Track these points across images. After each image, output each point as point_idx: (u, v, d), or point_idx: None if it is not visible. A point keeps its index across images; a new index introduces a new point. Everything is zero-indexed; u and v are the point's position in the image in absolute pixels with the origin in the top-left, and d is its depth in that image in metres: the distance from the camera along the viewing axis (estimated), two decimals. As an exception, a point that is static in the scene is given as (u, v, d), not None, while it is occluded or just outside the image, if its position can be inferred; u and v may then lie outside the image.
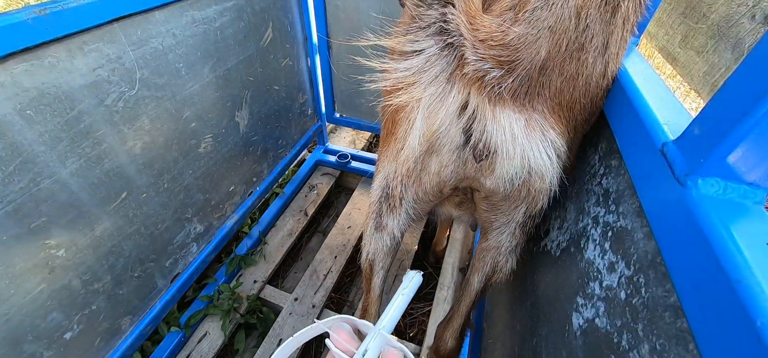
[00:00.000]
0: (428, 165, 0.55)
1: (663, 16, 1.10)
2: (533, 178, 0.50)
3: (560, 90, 0.44)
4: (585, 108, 0.48)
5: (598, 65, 0.44)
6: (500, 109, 0.44)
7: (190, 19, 0.95)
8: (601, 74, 0.46)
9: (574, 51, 0.42)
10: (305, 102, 1.65)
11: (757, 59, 0.26)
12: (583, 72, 0.44)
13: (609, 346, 0.39)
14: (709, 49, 0.90)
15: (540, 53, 0.41)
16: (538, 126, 0.46)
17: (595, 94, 0.47)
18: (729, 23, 0.84)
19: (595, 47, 0.43)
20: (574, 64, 0.43)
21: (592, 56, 0.43)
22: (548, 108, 0.46)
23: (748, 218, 0.29)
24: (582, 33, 0.41)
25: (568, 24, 0.40)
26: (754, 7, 0.78)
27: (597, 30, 0.41)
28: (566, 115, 0.47)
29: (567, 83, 0.44)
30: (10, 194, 0.68)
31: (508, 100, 0.44)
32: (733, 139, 0.28)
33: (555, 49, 0.41)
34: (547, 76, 0.43)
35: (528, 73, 0.42)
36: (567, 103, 0.46)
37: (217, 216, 1.28)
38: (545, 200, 0.53)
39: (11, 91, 0.65)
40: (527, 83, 0.43)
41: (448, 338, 0.81)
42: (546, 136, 0.46)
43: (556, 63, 0.42)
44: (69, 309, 0.84)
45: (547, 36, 0.40)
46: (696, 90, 0.97)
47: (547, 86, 0.44)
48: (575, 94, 0.46)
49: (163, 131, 0.96)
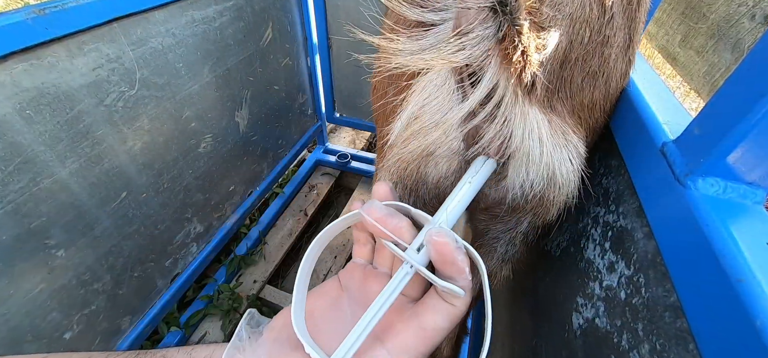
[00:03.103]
0: (425, 174, 0.45)
1: (663, 16, 1.10)
2: (552, 189, 0.42)
3: (581, 89, 0.39)
4: (604, 111, 0.43)
5: (620, 64, 0.40)
6: (529, 106, 0.37)
7: (190, 18, 0.95)
8: (622, 74, 0.41)
9: (597, 44, 0.37)
10: (305, 102, 1.65)
11: (757, 59, 0.26)
12: (606, 70, 0.39)
13: (609, 346, 0.39)
14: (709, 49, 0.90)
15: (562, 43, 0.36)
16: (559, 129, 0.40)
17: (614, 96, 0.43)
18: (729, 23, 0.84)
19: (618, 44, 0.38)
20: (597, 60, 0.38)
21: (615, 53, 0.38)
22: (568, 109, 0.40)
23: (748, 217, 0.29)
24: (607, 24, 0.36)
25: (590, 13, 0.35)
26: (754, 7, 0.78)
27: (621, 23, 0.37)
28: (586, 118, 0.42)
29: (588, 81, 0.39)
30: (10, 194, 0.68)
31: (536, 94, 0.37)
32: (733, 139, 0.28)
33: (577, 40, 0.36)
34: (568, 72, 0.38)
35: (552, 67, 0.37)
36: (588, 104, 0.41)
37: (216, 216, 1.28)
38: (556, 212, 0.47)
39: (11, 90, 0.65)
40: (548, 78, 0.37)
41: (443, 346, 0.77)
42: (569, 140, 0.40)
43: (579, 56, 0.37)
44: (68, 309, 0.84)
45: (568, 24, 0.35)
46: (696, 90, 0.97)
47: (567, 83, 0.38)
48: (596, 95, 0.40)
49: (163, 131, 0.96)
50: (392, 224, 0.33)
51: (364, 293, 0.37)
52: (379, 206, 0.33)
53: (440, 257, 0.30)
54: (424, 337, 0.32)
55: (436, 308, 0.32)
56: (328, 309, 0.36)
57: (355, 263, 0.40)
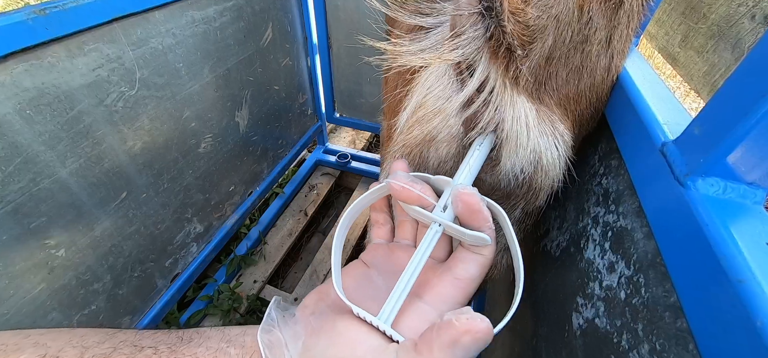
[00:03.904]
0: (426, 158, 0.51)
1: (663, 16, 1.10)
2: (539, 173, 0.47)
3: (566, 81, 0.44)
4: (591, 103, 0.47)
5: (603, 59, 0.44)
6: (517, 94, 0.42)
7: (190, 19, 0.95)
8: (605, 68, 0.45)
9: (578, 43, 0.41)
10: (305, 102, 1.65)
11: (757, 59, 0.26)
12: (588, 65, 0.43)
13: (609, 346, 0.39)
14: (709, 49, 0.90)
15: (547, 41, 0.40)
16: (547, 117, 0.44)
17: (601, 89, 0.47)
18: (729, 23, 0.84)
19: (599, 41, 0.42)
20: (579, 56, 0.42)
21: (596, 49, 0.43)
22: (555, 101, 0.44)
23: (748, 217, 0.29)
24: (585, 25, 0.40)
25: (571, 16, 0.40)
26: (754, 7, 0.78)
27: (600, 24, 0.41)
28: (572, 109, 0.46)
29: (573, 75, 0.43)
30: (10, 194, 0.68)
31: (522, 86, 0.42)
32: (733, 139, 0.28)
33: (560, 39, 0.40)
34: (553, 67, 0.42)
35: (538, 61, 0.41)
36: (573, 96, 0.45)
37: (216, 216, 1.28)
38: (544, 197, 0.51)
39: (11, 90, 0.65)
40: (535, 72, 0.42)
41: None
42: (555, 128, 0.45)
43: (562, 53, 0.41)
44: (68, 309, 0.84)
45: (553, 24, 0.40)
46: (696, 90, 0.97)
47: (553, 77, 0.43)
48: (581, 87, 0.45)
49: (163, 131, 0.96)
50: (418, 189, 0.36)
51: (392, 264, 0.40)
52: (405, 175, 0.37)
53: (468, 209, 0.34)
54: (459, 286, 0.35)
55: (466, 259, 0.35)
56: (359, 284, 0.38)
57: (376, 243, 0.43)
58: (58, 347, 0.31)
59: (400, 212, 0.44)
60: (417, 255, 0.35)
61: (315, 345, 0.32)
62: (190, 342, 0.34)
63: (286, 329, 0.34)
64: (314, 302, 0.37)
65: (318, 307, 0.36)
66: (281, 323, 0.35)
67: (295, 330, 0.34)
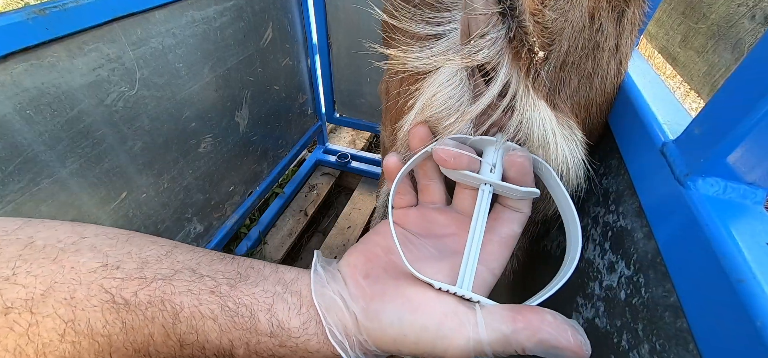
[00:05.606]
0: None
1: (663, 16, 1.10)
2: (564, 178, 0.45)
3: (578, 89, 0.43)
4: (601, 110, 0.47)
5: (613, 64, 0.44)
6: (538, 99, 0.40)
7: (190, 18, 0.95)
8: (615, 73, 0.45)
9: (590, 50, 0.41)
10: (305, 102, 1.65)
11: (757, 59, 0.26)
12: (599, 71, 0.43)
13: (609, 346, 0.39)
14: (709, 49, 0.90)
15: (563, 46, 0.40)
16: (565, 123, 0.43)
17: (610, 94, 0.47)
18: (729, 23, 0.84)
19: (610, 48, 0.42)
20: (591, 62, 0.42)
21: (607, 56, 0.43)
22: (569, 107, 0.43)
23: (748, 217, 0.29)
24: (597, 32, 0.40)
25: (584, 23, 0.39)
26: (754, 7, 0.78)
27: (610, 31, 0.41)
28: (584, 117, 0.45)
29: (584, 82, 0.43)
30: (10, 194, 0.68)
31: (541, 91, 0.41)
32: (733, 139, 0.28)
33: (574, 45, 0.40)
34: (566, 73, 0.42)
35: (553, 67, 0.41)
36: (585, 103, 0.44)
37: (216, 216, 1.28)
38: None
39: (11, 90, 0.65)
40: (551, 77, 0.41)
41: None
42: (575, 134, 0.43)
43: (575, 59, 0.41)
44: (69, 309, 0.84)
45: (569, 29, 0.39)
46: (696, 90, 0.97)
47: (566, 84, 0.42)
48: (592, 94, 0.44)
49: (163, 131, 0.96)
50: (464, 152, 0.37)
51: (431, 227, 0.40)
52: (450, 141, 0.38)
53: (521, 169, 0.37)
54: (505, 244, 0.38)
55: (508, 218, 0.39)
56: (407, 249, 0.38)
57: (403, 210, 0.43)
58: (117, 257, 0.30)
59: (423, 176, 0.43)
60: (476, 218, 0.36)
61: (382, 310, 0.32)
62: (247, 280, 0.33)
63: (338, 289, 0.34)
64: (363, 263, 0.36)
65: (371, 269, 0.36)
66: (330, 281, 0.35)
67: (349, 292, 0.34)
